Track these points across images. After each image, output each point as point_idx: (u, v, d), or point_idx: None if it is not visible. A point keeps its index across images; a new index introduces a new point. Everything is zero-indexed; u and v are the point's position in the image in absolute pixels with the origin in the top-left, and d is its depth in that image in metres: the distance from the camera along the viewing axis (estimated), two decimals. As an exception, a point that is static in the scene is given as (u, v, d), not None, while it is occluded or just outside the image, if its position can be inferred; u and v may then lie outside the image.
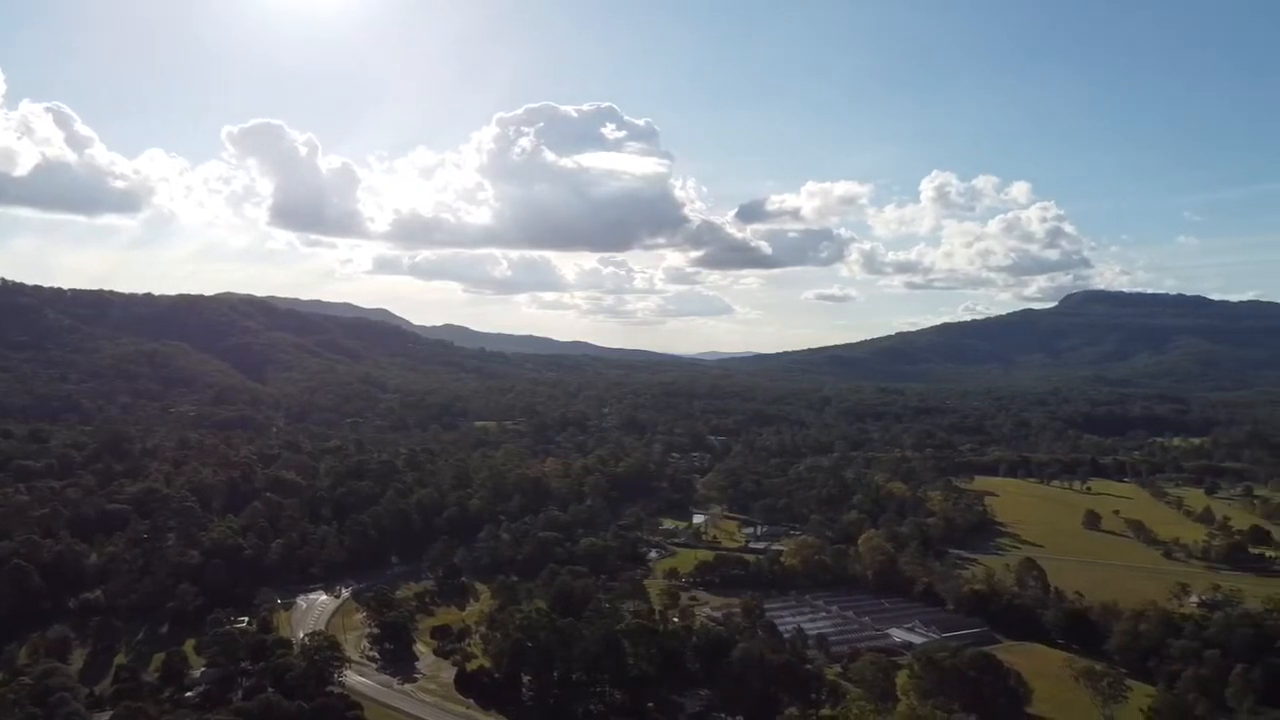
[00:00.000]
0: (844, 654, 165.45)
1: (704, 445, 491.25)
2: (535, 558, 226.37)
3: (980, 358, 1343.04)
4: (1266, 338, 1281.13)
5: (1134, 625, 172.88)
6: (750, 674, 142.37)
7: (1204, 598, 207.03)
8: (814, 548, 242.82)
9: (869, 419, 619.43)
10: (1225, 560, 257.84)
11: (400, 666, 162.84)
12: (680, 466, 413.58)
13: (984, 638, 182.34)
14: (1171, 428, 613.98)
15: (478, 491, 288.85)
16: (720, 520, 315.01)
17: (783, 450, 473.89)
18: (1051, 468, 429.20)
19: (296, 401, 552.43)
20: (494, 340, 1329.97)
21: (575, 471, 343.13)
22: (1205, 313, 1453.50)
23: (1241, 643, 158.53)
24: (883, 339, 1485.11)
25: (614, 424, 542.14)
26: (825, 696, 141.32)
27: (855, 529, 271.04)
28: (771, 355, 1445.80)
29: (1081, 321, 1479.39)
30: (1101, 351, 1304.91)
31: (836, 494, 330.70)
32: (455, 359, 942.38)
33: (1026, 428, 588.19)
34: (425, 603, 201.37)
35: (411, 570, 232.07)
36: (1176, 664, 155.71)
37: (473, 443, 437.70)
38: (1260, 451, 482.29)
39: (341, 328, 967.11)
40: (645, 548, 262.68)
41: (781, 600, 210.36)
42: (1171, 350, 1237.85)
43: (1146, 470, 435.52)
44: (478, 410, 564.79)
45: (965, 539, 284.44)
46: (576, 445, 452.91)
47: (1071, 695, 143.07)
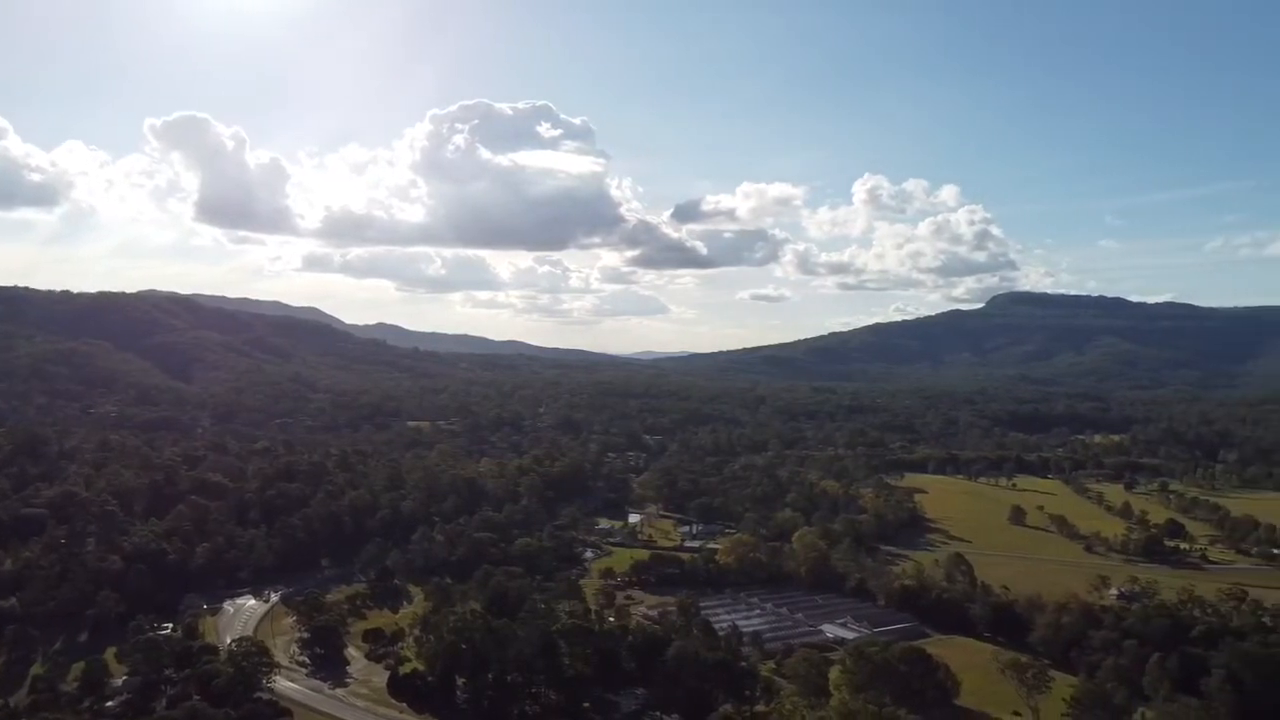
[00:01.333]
0: (778, 651, 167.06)
1: (640, 444, 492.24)
2: (470, 559, 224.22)
3: (910, 357, 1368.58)
4: (1181, 338, 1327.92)
5: (1057, 618, 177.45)
6: (685, 672, 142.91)
7: (1123, 590, 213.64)
8: (749, 546, 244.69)
9: (803, 418, 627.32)
10: (1143, 553, 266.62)
11: (331, 671, 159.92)
12: (616, 466, 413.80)
13: (914, 632, 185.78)
14: (1093, 425, 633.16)
15: (411, 493, 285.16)
16: (656, 519, 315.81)
17: (718, 449, 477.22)
18: (978, 465, 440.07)
19: (223, 402, 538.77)
20: (428, 339, 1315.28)
21: (510, 472, 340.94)
22: (1124, 314, 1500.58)
23: (1158, 633, 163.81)
24: (816, 339, 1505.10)
25: (549, 424, 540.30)
26: (759, 693, 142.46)
27: (789, 527, 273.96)
28: (707, 355, 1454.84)
29: (1007, 322, 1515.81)
30: (1026, 351, 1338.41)
31: (771, 492, 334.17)
32: (388, 358, 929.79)
33: (955, 426, 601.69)
34: (357, 606, 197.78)
35: (343, 573, 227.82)
36: (1097, 654, 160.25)
37: (406, 443, 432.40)
38: (1175, 448, 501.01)
39: (270, 326, 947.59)
40: (581, 548, 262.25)
41: (717, 598, 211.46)
42: (1092, 350, 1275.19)
43: (1069, 467, 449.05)
44: (411, 410, 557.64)
45: (896, 535, 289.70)
46: (512, 445, 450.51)
47: (998, 687, 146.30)
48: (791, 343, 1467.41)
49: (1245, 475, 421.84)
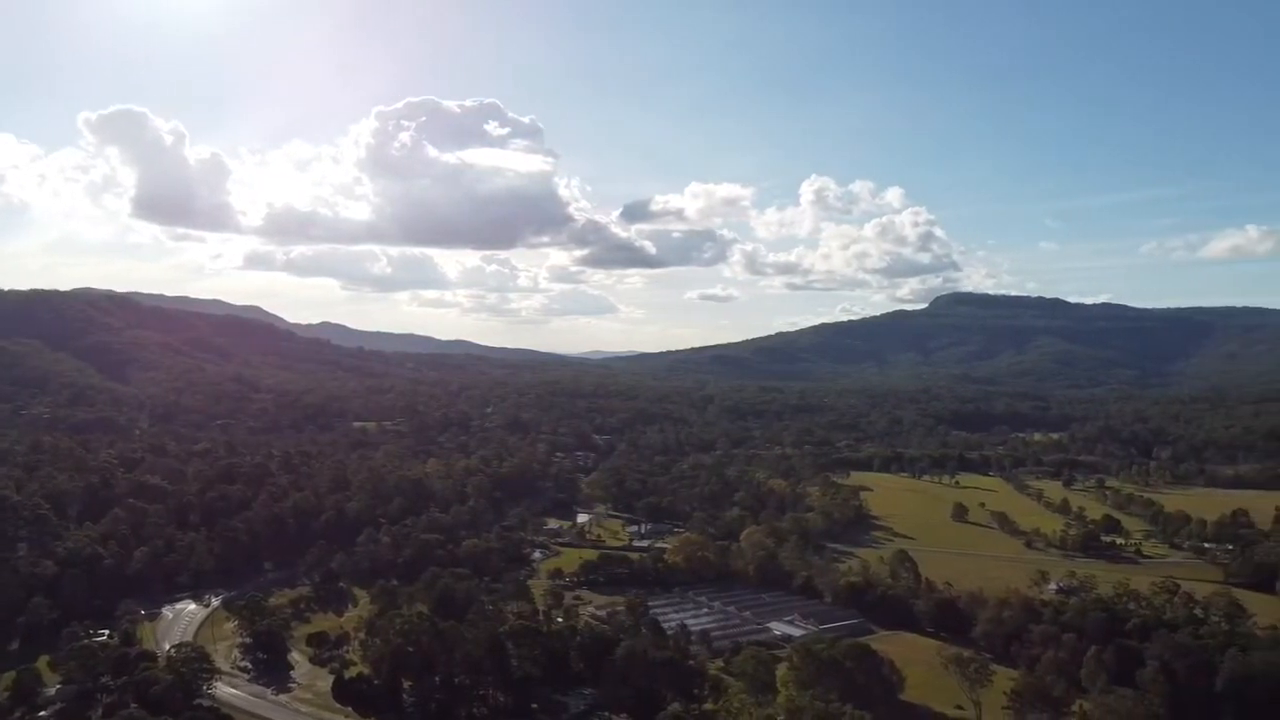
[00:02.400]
0: (726, 649, 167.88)
1: (589, 444, 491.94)
2: (416, 561, 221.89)
3: (856, 357, 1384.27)
4: (1117, 338, 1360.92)
5: (998, 612, 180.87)
6: (634, 672, 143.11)
7: (1061, 584, 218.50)
8: (697, 545, 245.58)
9: (750, 417, 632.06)
10: (1080, 548, 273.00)
11: (274, 676, 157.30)
12: (565, 466, 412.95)
13: (860, 628, 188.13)
14: (1032, 424, 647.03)
15: (356, 494, 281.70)
16: (605, 519, 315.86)
17: (666, 448, 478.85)
18: (922, 463, 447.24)
19: (162, 403, 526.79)
20: (373, 339, 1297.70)
21: (458, 472, 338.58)
22: (1063, 314, 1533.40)
23: (1095, 626, 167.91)
24: (764, 338, 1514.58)
25: (498, 424, 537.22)
26: (708, 691, 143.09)
27: (737, 525, 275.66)
28: (655, 354, 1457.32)
29: (950, 322, 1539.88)
30: (968, 351, 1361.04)
31: (719, 491, 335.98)
32: (332, 358, 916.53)
33: (899, 425, 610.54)
34: (301, 610, 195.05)
35: (287, 576, 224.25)
36: (1037, 648, 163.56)
37: (351, 444, 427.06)
38: (1112, 445, 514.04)
39: (211, 325, 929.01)
40: (529, 548, 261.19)
41: (665, 597, 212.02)
42: (1032, 350, 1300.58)
43: (1010, 464, 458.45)
44: (356, 410, 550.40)
45: (842, 533, 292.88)
46: (459, 445, 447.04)
47: (941, 681, 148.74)
48: (739, 342, 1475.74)
49: (1178, 472, 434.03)
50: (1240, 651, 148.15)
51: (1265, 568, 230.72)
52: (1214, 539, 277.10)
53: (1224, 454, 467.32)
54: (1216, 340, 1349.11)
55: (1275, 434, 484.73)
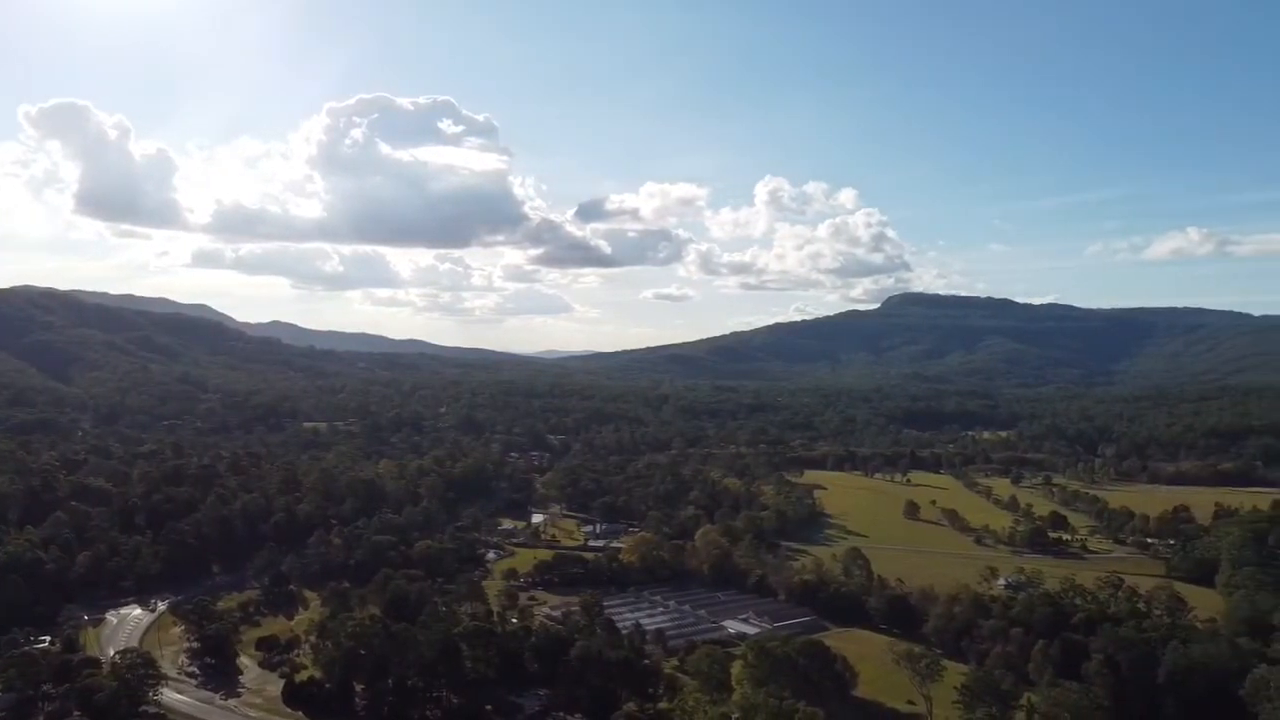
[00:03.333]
0: (681, 648, 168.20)
1: (543, 444, 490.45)
2: (369, 563, 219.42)
3: (810, 356, 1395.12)
4: (1063, 338, 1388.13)
5: (949, 608, 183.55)
6: (589, 672, 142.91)
7: (1010, 580, 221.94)
8: (652, 544, 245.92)
9: (705, 416, 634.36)
10: (1028, 544, 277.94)
11: (223, 681, 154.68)
12: (519, 466, 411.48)
13: (813, 626, 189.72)
14: (982, 422, 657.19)
15: (307, 495, 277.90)
16: (559, 519, 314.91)
17: (621, 448, 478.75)
18: (875, 461, 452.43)
19: (106, 403, 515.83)
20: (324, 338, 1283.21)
21: (411, 473, 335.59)
22: (1011, 314, 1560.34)
23: (1042, 621, 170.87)
24: (719, 338, 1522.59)
25: (451, 424, 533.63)
26: (663, 690, 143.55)
27: (692, 524, 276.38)
28: (610, 354, 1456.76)
29: (902, 322, 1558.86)
30: (920, 350, 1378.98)
31: (674, 490, 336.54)
32: (283, 357, 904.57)
33: (852, 423, 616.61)
34: (250, 613, 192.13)
35: (235, 580, 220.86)
36: (986, 643, 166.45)
37: (302, 445, 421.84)
38: (1058, 443, 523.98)
39: (157, 324, 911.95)
40: (483, 549, 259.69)
41: (620, 597, 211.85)
42: (982, 349, 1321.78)
43: (960, 462, 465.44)
44: (307, 411, 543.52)
45: (796, 531, 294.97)
46: (412, 446, 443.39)
47: (893, 677, 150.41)
48: (694, 342, 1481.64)
49: (1122, 468, 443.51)
50: (1181, 644, 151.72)
51: (1205, 563, 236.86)
52: (1157, 534, 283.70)
53: (1166, 451, 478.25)
54: (1159, 340, 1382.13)
55: (1215, 431, 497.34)
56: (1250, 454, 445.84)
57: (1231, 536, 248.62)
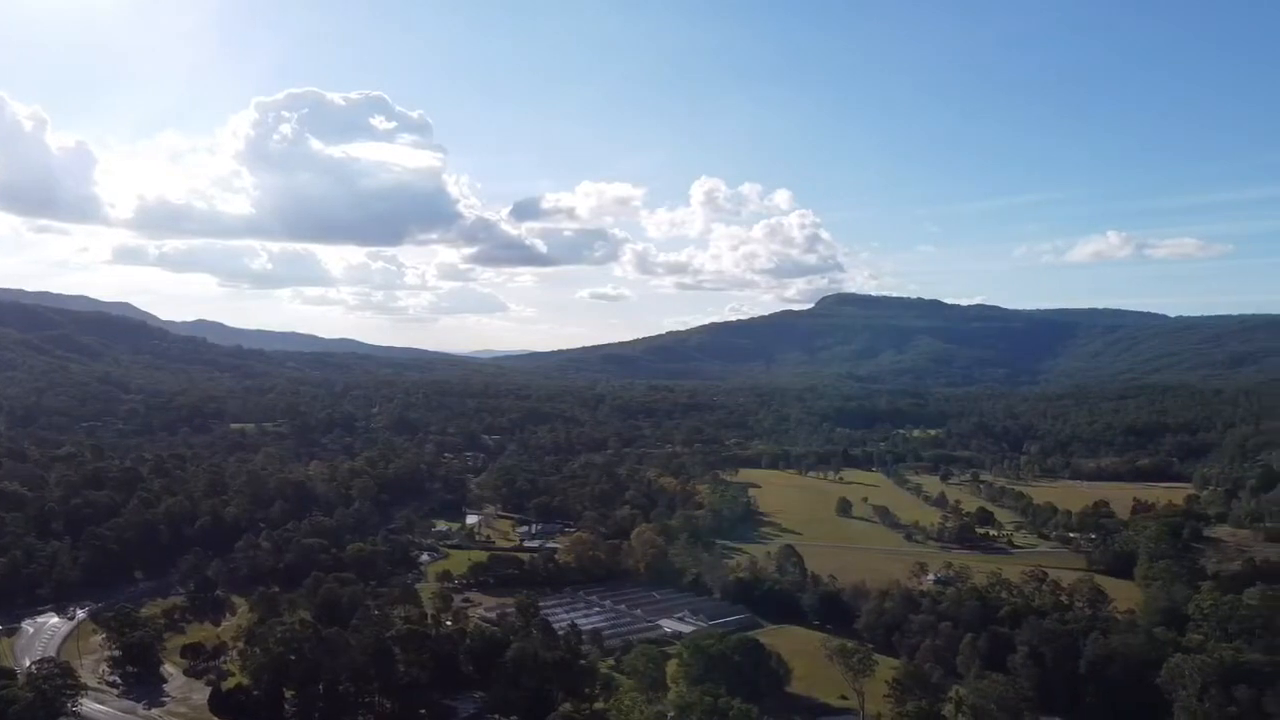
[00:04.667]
0: (617, 647, 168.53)
1: (478, 445, 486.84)
2: (299, 566, 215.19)
3: (745, 356, 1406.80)
4: (990, 338, 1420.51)
5: (880, 604, 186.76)
6: (524, 673, 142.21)
7: (939, 575, 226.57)
8: (588, 544, 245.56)
9: (641, 416, 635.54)
10: (957, 540, 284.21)
11: (146, 690, 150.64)
12: (454, 467, 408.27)
13: (748, 623, 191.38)
14: (912, 420, 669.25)
15: (234, 498, 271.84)
16: (495, 520, 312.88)
17: (557, 448, 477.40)
18: (808, 459, 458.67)
19: (21, 404, 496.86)
20: (253, 337, 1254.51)
21: (342, 474, 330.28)
22: (940, 315, 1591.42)
23: (970, 615, 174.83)
24: (655, 338, 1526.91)
25: (384, 424, 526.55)
26: (599, 690, 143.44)
27: (628, 524, 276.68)
28: (546, 353, 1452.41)
29: (835, 322, 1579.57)
30: (852, 350, 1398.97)
31: (610, 490, 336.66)
32: (209, 357, 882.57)
33: (786, 422, 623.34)
34: (175, 620, 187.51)
35: (159, 586, 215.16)
36: (916, 637, 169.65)
37: (229, 446, 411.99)
38: (985, 441, 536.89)
39: (76, 323, 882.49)
40: (417, 551, 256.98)
41: (556, 598, 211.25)
42: (912, 349, 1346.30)
43: (891, 460, 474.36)
44: (234, 412, 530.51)
45: (732, 529, 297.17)
46: (344, 447, 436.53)
47: (826, 672, 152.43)
48: (630, 341, 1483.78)
49: (1045, 465, 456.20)
50: (1101, 635, 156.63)
51: (1124, 556, 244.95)
52: (1078, 529, 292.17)
53: (1087, 448, 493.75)
54: (1080, 340, 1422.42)
55: (1133, 429, 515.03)
56: (1166, 450, 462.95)
57: (1148, 530, 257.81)
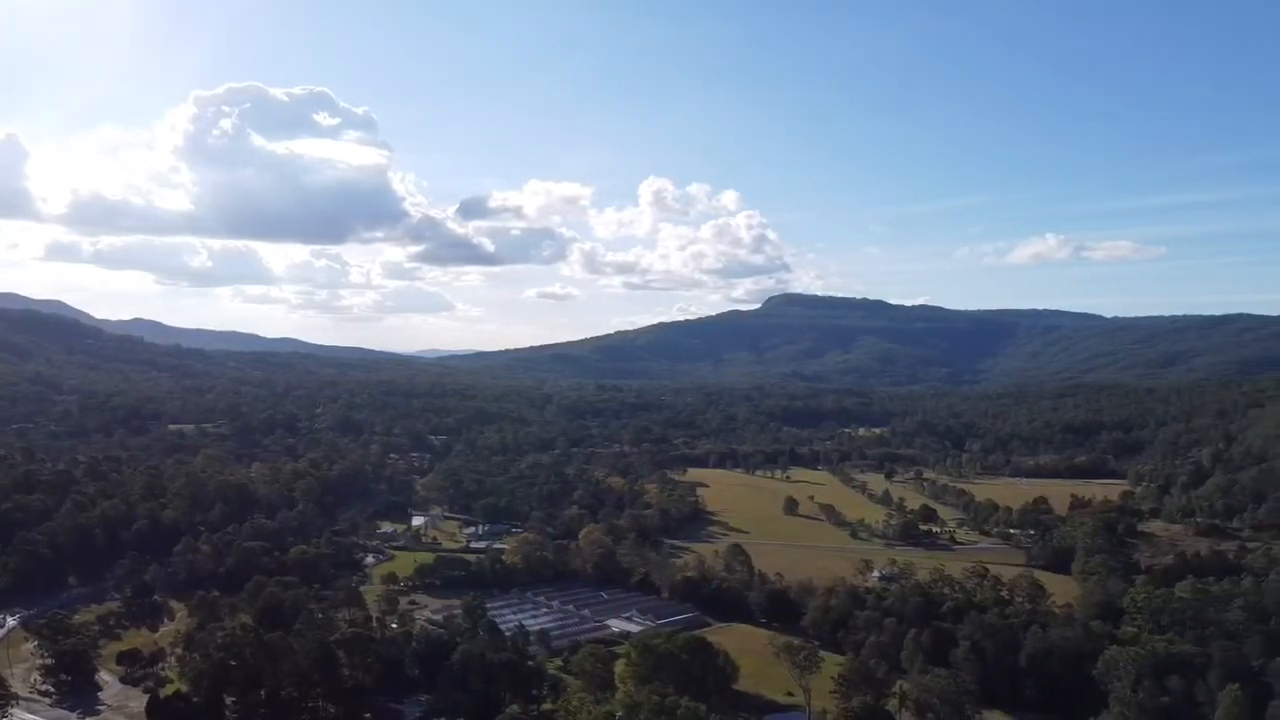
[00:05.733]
0: (565, 648, 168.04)
1: (424, 445, 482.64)
2: (240, 570, 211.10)
3: (693, 356, 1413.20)
4: (933, 338, 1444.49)
5: (826, 601, 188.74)
6: (471, 675, 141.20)
7: (884, 572, 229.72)
8: (535, 544, 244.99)
9: (589, 415, 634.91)
10: (901, 537, 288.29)
11: (81, 699, 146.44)
12: (399, 468, 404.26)
13: (696, 622, 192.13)
14: (857, 419, 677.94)
15: (173, 501, 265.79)
16: (441, 521, 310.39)
17: (504, 448, 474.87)
18: (755, 458, 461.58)
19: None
20: (192, 336, 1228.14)
21: (285, 476, 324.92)
22: (885, 315, 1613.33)
23: (913, 611, 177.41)
24: (603, 337, 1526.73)
25: (328, 425, 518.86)
26: (546, 691, 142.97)
27: (576, 524, 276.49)
28: (493, 353, 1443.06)
29: (782, 322, 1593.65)
30: (799, 350, 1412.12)
31: (558, 490, 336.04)
32: (146, 356, 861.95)
33: (734, 422, 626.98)
34: (111, 626, 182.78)
35: (95, 592, 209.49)
36: (861, 633, 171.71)
37: (167, 448, 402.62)
38: (928, 439, 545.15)
39: (6, 321, 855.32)
40: (362, 553, 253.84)
41: (504, 599, 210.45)
42: (857, 349, 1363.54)
43: (836, 458, 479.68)
44: (173, 412, 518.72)
45: (679, 528, 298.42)
46: (286, 448, 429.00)
47: (773, 669, 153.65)
48: (578, 341, 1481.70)
49: (987, 463, 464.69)
50: (1040, 629, 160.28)
51: (1062, 551, 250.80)
52: (1018, 525, 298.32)
53: (1027, 446, 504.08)
54: (1020, 340, 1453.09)
55: (1071, 427, 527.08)
56: (1102, 448, 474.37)
57: (1085, 526, 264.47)
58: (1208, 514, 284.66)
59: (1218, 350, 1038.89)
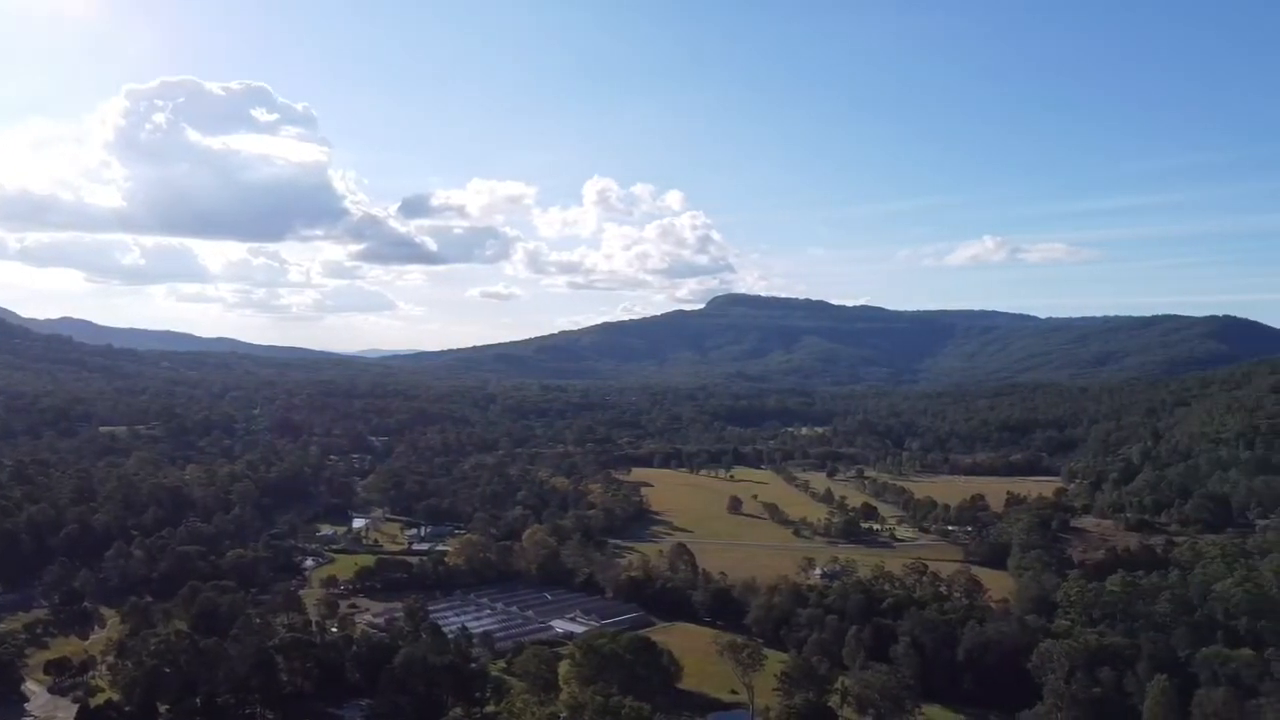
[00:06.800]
0: (509, 649, 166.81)
1: (365, 446, 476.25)
2: (174, 575, 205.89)
3: (637, 355, 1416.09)
4: (873, 338, 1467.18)
5: (769, 599, 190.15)
6: (413, 679, 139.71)
7: (826, 570, 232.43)
8: (479, 546, 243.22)
9: (533, 416, 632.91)
10: (843, 535, 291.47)
11: (6, 710, 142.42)
12: (339, 469, 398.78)
13: (641, 621, 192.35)
14: (800, 418, 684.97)
15: (104, 505, 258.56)
16: (382, 523, 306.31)
17: (447, 449, 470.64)
18: (700, 458, 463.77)
19: None
20: (124, 335, 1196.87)
21: (221, 478, 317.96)
22: (827, 315, 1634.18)
23: (855, 607, 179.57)
24: (547, 337, 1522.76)
25: (266, 426, 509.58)
26: (490, 694, 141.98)
27: (520, 525, 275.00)
28: (436, 353, 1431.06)
29: (725, 322, 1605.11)
30: (743, 350, 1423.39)
31: (501, 491, 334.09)
32: (76, 356, 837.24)
33: (678, 421, 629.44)
34: (38, 635, 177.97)
35: (21, 599, 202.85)
36: (804, 631, 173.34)
37: (98, 451, 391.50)
38: (869, 438, 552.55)
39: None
40: (301, 556, 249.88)
41: (447, 601, 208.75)
42: (800, 349, 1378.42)
43: (779, 457, 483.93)
44: (104, 414, 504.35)
45: (624, 528, 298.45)
46: (223, 450, 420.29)
47: (717, 668, 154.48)
48: (522, 341, 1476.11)
49: (926, 461, 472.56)
50: (977, 623, 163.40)
51: (998, 547, 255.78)
52: (957, 522, 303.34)
53: (964, 444, 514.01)
54: (958, 340, 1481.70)
55: (1006, 425, 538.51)
56: (1037, 446, 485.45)
57: (1021, 523, 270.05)
58: (1137, 509, 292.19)
59: (1147, 350, 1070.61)
